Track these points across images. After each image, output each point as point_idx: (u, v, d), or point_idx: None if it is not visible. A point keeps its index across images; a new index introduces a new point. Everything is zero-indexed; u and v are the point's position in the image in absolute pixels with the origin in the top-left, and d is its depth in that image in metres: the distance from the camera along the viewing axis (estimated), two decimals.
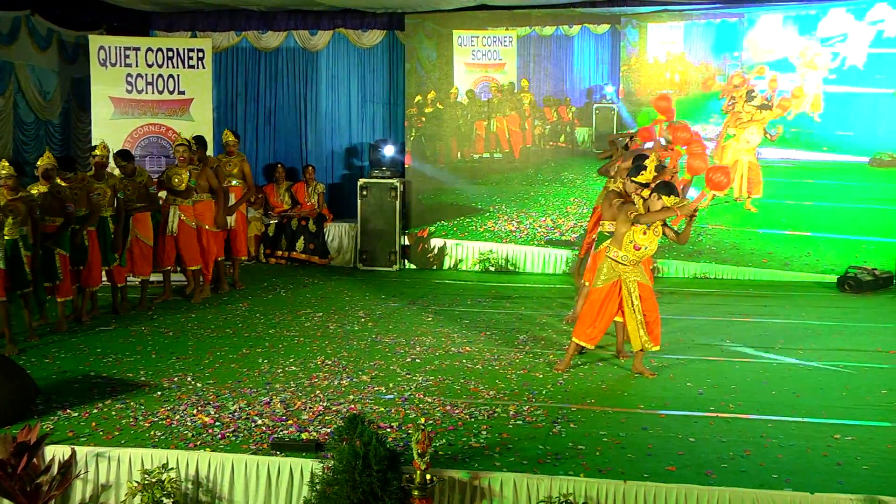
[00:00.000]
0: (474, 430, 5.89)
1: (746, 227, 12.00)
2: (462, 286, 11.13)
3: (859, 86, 11.59)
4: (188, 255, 9.94)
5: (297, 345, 8.13)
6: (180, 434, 5.80)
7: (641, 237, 7.03)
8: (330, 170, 13.39)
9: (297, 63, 13.30)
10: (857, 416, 6.23)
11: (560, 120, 12.51)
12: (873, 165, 11.55)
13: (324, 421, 6.04)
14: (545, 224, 12.55)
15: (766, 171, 11.93)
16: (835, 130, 11.73)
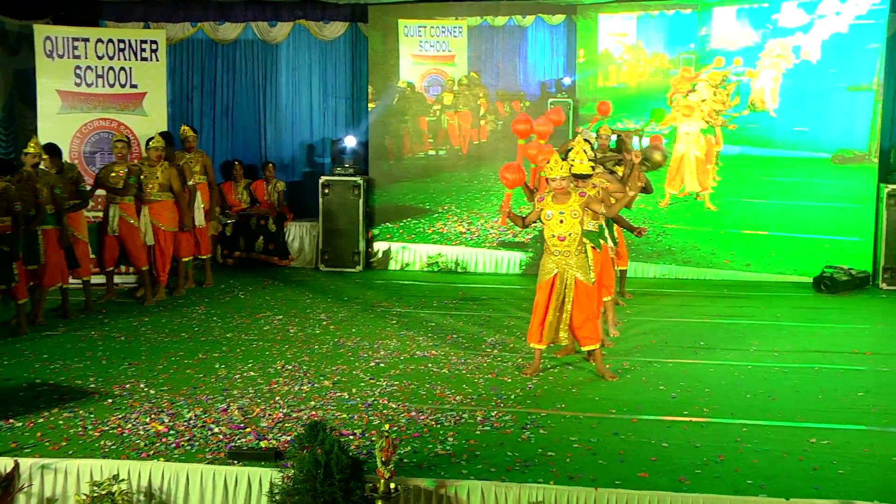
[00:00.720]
0: (440, 437, 5.88)
1: (706, 226, 11.96)
2: (428, 288, 11.12)
3: (813, 81, 11.66)
4: (134, 255, 9.92)
5: (255, 349, 8.08)
6: (132, 443, 5.74)
7: (559, 227, 7.16)
8: (290, 167, 13.32)
9: (255, 56, 13.22)
10: (833, 420, 6.29)
11: (513, 115, 12.38)
12: (836, 162, 11.63)
13: (283, 428, 6.00)
14: (497, 225, 12.46)
15: (725, 168, 11.93)
16: (792, 126, 11.76)
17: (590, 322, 7.28)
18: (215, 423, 6.09)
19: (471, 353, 8.05)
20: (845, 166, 11.62)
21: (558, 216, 7.13)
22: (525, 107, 12.38)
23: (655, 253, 11.93)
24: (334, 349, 8.13)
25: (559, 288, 7.22)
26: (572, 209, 7.11)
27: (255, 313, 9.53)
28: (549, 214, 7.18)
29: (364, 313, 9.66)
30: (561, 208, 7.13)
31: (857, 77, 11.59)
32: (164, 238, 10.17)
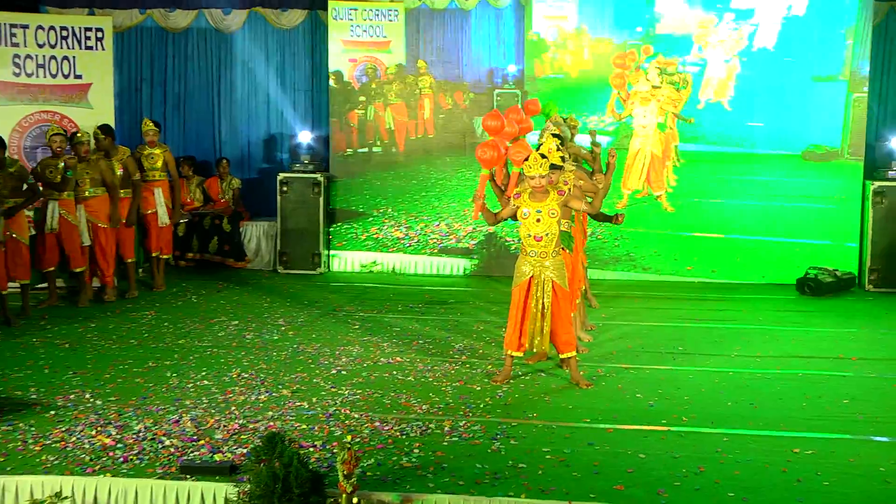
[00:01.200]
0: (406, 449, 5.87)
1: (667, 229, 11.85)
2: (393, 290, 11.10)
3: (773, 70, 11.58)
4: (72, 256, 9.87)
5: (209, 356, 8.04)
6: (77, 458, 5.68)
7: (536, 226, 7.16)
8: (246, 163, 13.26)
9: (208, 45, 13.14)
10: (817, 429, 6.35)
11: (456, 107, 12.30)
12: (807, 159, 11.65)
13: (239, 440, 5.98)
14: (439, 230, 12.31)
15: (686, 166, 11.82)
16: (746, 121, 11.69)
17: (567, 328, 7.30)
18: (166, 436, 6.04)
19: (438, 359, 8.05)
20: (818, 164, 11.63)
21: (535, 215, 7.14)
22: (469, 99, 12.20)
23: (613, 259, 11.79)
24: (293, 356, 8.10)
25: (536, 292, 7.24)
26: (550, 208, 7.12)
27: (210, 318, 9.48)
28: (526, 213, 7.18)
29: (325, 318, 9.63)
30: (538, 206, 7.14)
31: (823, 66, 11.54)
32: (104, 236, 10.11)
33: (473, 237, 12.24)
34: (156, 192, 10.78)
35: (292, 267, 12.21)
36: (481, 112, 12.13)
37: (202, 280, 11.56)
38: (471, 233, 12.27)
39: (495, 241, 12.24)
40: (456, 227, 12.34)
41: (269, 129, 13.22)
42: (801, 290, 11.03)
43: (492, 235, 12.21)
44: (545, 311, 7.23)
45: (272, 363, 7.87)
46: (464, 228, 12.33)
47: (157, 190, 10.81)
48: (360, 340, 8.70)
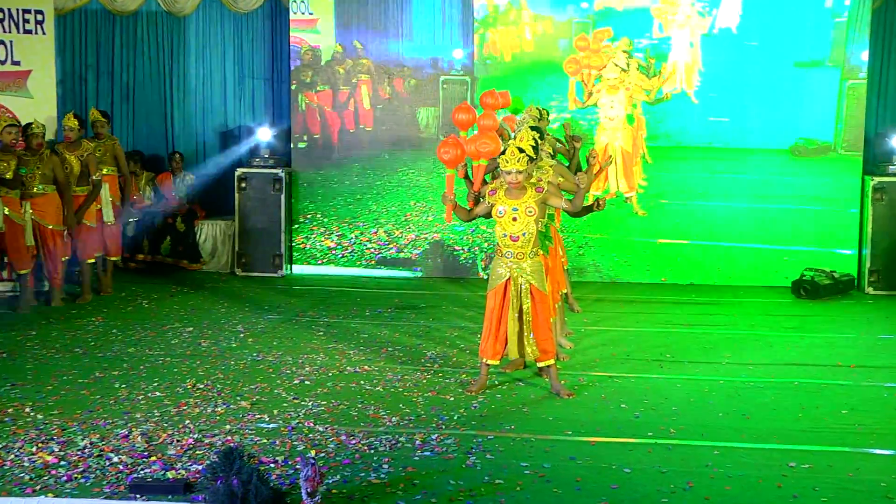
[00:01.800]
0: (374, 464, 5.87)
1: (638, 236, 11.72)
2: (360, 294, 11.09)
3: (738, 55, 11.43)
4: (14, 257, 9.82)
5: (162, 366, 8.01)
6: (15, 477, 5.64)
7: (512, 225, 7.16)
8: (201, 157, 13.19)
9: (160, 30, 13.07)
10: (814, 441, 6.38)
11: (396, 97, 12.20)
12: (797, 154, 11.57)
13: (194, 456, 5.95)
14: (377, 238, 12.20)
15: (657, 165, 11.68)
16: (714, 113, 11.52)
17: (546, 334, 7.32)
18: (114, 452, 6.01)
19: (409, 368, 8.05)
20: (809, 159, 11.57)
21: (511, 213, 7.14)
22: (410, 86, 12.06)
23: (576, 270, 11.51)
24: (253, 365, 8.08)
25: (513, 297, 7.25)
26: (527, 206, 7.12)
27: (162, 325, 9.44)
28: (502, 211, 7.18)
29: (287, 324, 9.62)
30: (515, 204, 7.14)
31: (805, 50, 11.44)
32: (51, 238, 10.06)
33: (417, 245, 12.14)
34: (103, 189, 10.71)
35: (251, 269, 12.17)
36: (425, 102, 12.03)
37: (154, 283, 11.50)
38: (414, 241, 12.15)
39: (442, 251, 12.14)
40: (396, 234, 12.17)
41: (226, 121, 13.17)
42: (797, 292, 11.07)
43: (438, 244, 12.14)
44: (523, 317, 7.25)
45: (230, 373, 7.84)
46: (405, 236, 12.15)
47: (106, 186, 10.75)
48: (325, 348, 8.68)
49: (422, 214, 12.14)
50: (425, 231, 12.12)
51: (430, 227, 12.12)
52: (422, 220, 12.14)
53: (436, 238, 12.11)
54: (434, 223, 12.11)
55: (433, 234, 12.10)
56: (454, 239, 12.09)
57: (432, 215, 12.09)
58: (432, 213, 12.09)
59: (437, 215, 12.02)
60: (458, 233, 12.03)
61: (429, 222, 12.13)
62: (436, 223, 12.11)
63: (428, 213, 12.11)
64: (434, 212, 12.07)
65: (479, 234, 11.97)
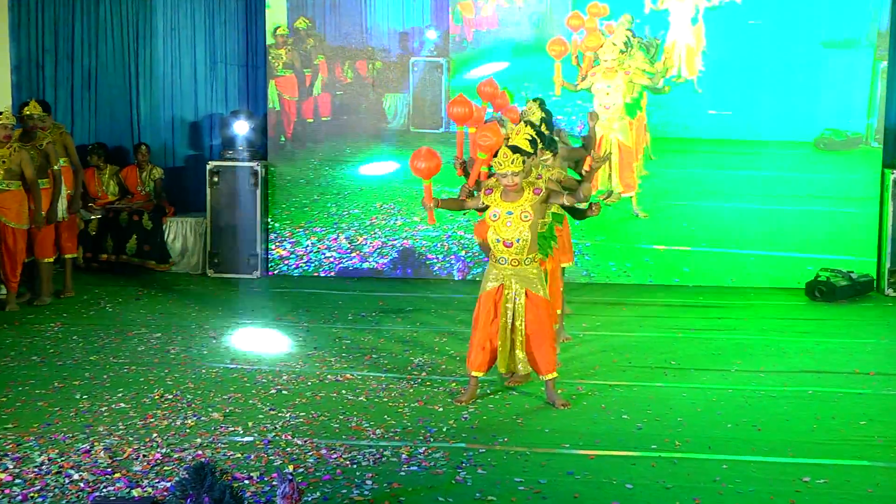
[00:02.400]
0: (357, 480, 5.87)
1: (637, 242, 11.62)
2: (342, 297, 11.08)
3: (744, 33, 11.24)
4: None
5: (127, 375, 7.99)
6: None
7: (505, 230, 7.13)
8: (170, 150, 13.20)
9: (124, 11, 13.04)
10: (830, 454, 6.40)
11: (359, 81, 12.13)
12: (821, 147, 11.46)
13: (162, 472, 5.94)
14: (337, 245, 12.11)
15: (658, 161, 11.54)
16: (715, 106, 11.39)
17: (546, 345, 7.29)
18: (75, 469, 5.98)
19: (394, 376, 8.05)
20: (836, 153, 11.50)
21: (505, 217, 7.12)
22: (376, 69, 11.90)
23: (567, 282, 11.26)
24: (225, 374, 8.07)
25: (505, 304, 7.24)
26: (522, 210, 7.10)
27: (127, 330, 9.43)
28: (495, 214, 7.15)
29: (263, 329, 9.61)
30: (510, 207, 7.11)
31: (836, 28, 11.26)
32: (11, 236, 10.04)
33: (384, 254, 12.08)
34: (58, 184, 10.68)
35: (224, 270, 12.16)
36: (390, 87, 11.86)
37: (118, 285, 11.49)
38: (380, 248, 12.08)
39: (413, 259, 12.10)
40: (359, 241, 12.11)
41: (197, 111, 13.15)
42: (812, 294, 11.10)
43: (408, 252, 12.08)
44: (517, 328, 7.24)
45: (201, 382, 7.83)
46: (370, 243, 12.09)
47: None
48: (305, 355, 8.68)
49: (389, 218, 12.00)
50: (393, 237, 12.00)
51: (398, 232, 12.01)
52: (389, 224, 12.02)
53: (405, 245, 12.01)
54: (404, 227, 11.98)
55: (402, 241, 11.98)
56: (426, 246, 11.99)
57: (402, 219, 11.95)
58: (402, 217, 11.95)
59: (408, 218, 11.93)
60: (431, 239, 11.91)
61: (397, 227, 11.99)
62: (406, 227, 11.99)
63: (396, 217, 11.95)
64: (404, 214, 11.96)
65: (456, 239, 11.90)
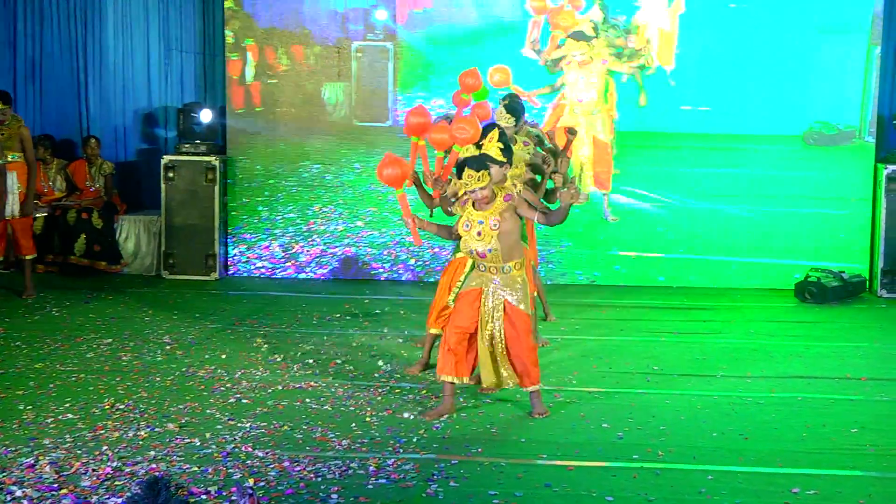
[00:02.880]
0: (322, 494, 5.85)
1: (608, 248, 11.58)
2: (306, 300, 11.08)
3: (723, 18, 11.15)
4: None
5: (75, 384, 7.96)
6: None
7: (477, 241, 7.10)
8: (121, 143, 13.17)
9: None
10: (821, 464, 6.43)
11: (295, 68, 12.01)
12: (810, 142, 11.49)
13: (113, 488, 5.90)
14: (269, 254, 12.12)
15: (629, 158, 11.44)
16: (687, 100, 11.27)
17: (527, 358, 7.26)
18: (17, 485, 5.93)
19: (361, 384, 8.05)
20: (826, 149, 11.50)
21: (476, 226, 7.09)
22: (313, 54, 11.78)
23: (549, 270, 11.50)
24: (181, 382, 8.05)
25: (484, 315, 7.22)
26: (493, 218, 7.05)
27: (75, 336, 9.39)
28: (468, 224, 7.13)
29: (221, 334, 9.60)
30: (480, 216, 7.09)
31: (825, 11, 11.19)
32: None
33: (322, 263, 12.08)
34: (9, 177, 10.66)
35: (180, 271, 12.14)
36: (330, 76, 11.70)
37: (66, 288, 11.45)
38: (318, 257, 12.08)
39: (356, 269, 12.10)
40: (295, 249, 12.10)
41: (150, 102, 13.13)
42: (801, 296, 11.17)
43: (351, 261, 12.05)
44: (496, 341, 7.23)
45: (155, 391, 7.80)
46: (307, 251, 12.09)
47: (11, 174, 10.71)
48: (265, 362, 8.67)
49: (329, 222, 11.97)
50: (333, 244, 11.98)
51: (339, 238, 11.98)
52: (329, 229, 11.99)
53: (347, 253, 11.98)
54: (345, 233, 11.94)
55: (344, 249, 11.94)
56: (371, 253, 11.95)
57: (343, 223, 11.91)
58: (343, 221, 11.90)
59: (350, 223, 11.89)
60: (376, 245, 11.87)
61: (339, 233, 11.95)
62: (348, 233, 11.95)
63: (337, 221, 11.90)
64: (346, 219, 11.91)
65: (406, 246, 11.85)
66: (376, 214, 11.86)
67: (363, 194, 11.87)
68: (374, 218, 11.87)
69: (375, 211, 11.87)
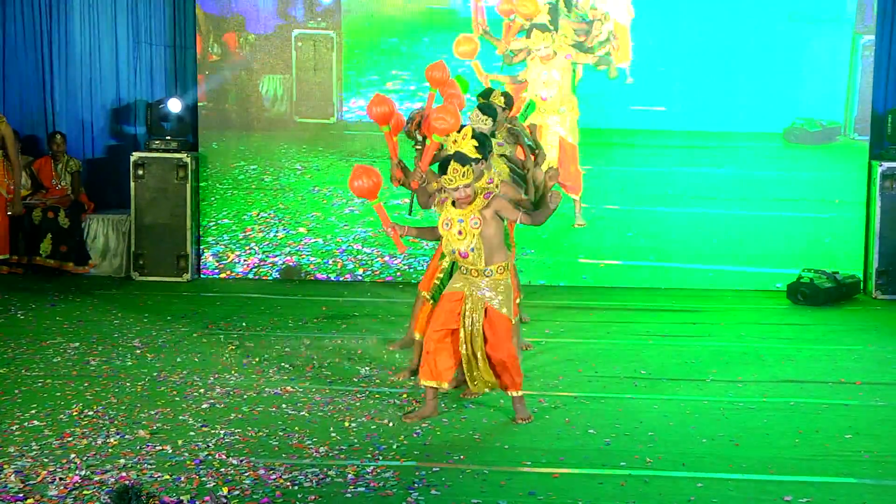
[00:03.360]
0: (298, 502, 5.85)
1: (574, 255, 11.49)
2: (281, 303, 11.07)
3: (690, 12, 11.01)
4: None
5: (41, 389, 7.94)
6: None
7: (458, 240, 7.11)
8: (88, 139, 13.14)
9: None
10: (814, 471, 6.46)
11: (227, 58, 11.98)
12: (791, 140, 11.45)
13: (81, 497, 5.89)
14: (201, 264, 12.14)
15: (595, 158, 11.28)
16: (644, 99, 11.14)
17: (508, 363, 7.27)
18: None
19: (339, 388, 8.05)
20: (810, 147, 11.44)
21: (457, 225, 7.09)
22: (248, 43, 11.60)
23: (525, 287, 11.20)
24: (152, 387, 8.04)
25: (464, 318, 7.22)
26: (472, 217, 7.05)
27: (41, 340, 9.38)
28: (448, 223, 7.14)
29: (193, 338, 9.59)
30: (461, 215, 7.09)
31: (811, 0, 11.09)
32: None
33: (262, 273, 12.06)
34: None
35: (151, 272, 12.13)
36: (270, 67, 11.53)
37: (31, 290, 11.43)
38: (256, 267, 12.05)
39: (298, 277, 12.11)
40: (230, 258, 12.09)
41: (118, 96, 13.10)
42: (794, 297, 11.19)
43: (292, 271, 12.03)
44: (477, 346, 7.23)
45: (125, 396, 7.79)
46: (244, 261, 12.08)
47: None
48: (240, 365, 8.67)
49: (269, 229, 11.92)
50: (273, 253, 11.96)
51: (280, 247, 11.95)
52: (268, 237, 11.97)
53: (289, 263, 11.95)
54: (286, 241, 11.88)
55: (285, 258, 11.90)
56: (316, 264, 11.86)
57: (283, 230, 11.84)
58: (284, 228, 11.82)
59: (291, 230, 11.82)
60: (321, 254, 11.82)
61: (279, 241, 11.91)
62: (289, 241, 11.89)
63: (277, 228, 11.82)
64: (287, 225, 11.83)
65: (352, 255, 11.79)
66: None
67: (306, 197, 11.74)
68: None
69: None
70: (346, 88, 11.49)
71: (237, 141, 11.97)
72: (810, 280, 11.11)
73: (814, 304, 11.01)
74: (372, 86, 11.15)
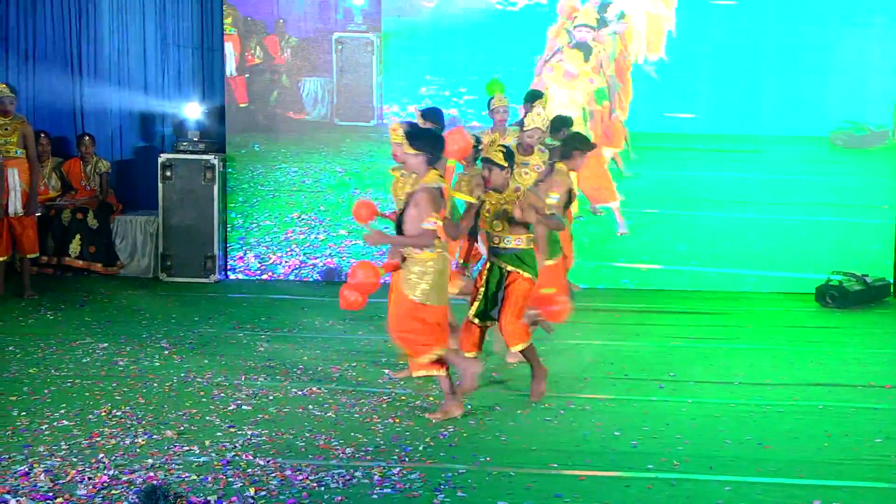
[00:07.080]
0: (325, 503, 5.88)
1: (613, 259, 11.41)
2: (308, 304, 11.08)
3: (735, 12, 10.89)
4: None
5: (70, 389, 7.97)
6: None
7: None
8: (117, 141, 13.20)
9: None
10: (843, 475, 6.43)
11: (268, 62, 11.98)
12: (838, 143, 11.29)
13: (109, 497, 5.91)
14: (244, 265, 12.16)
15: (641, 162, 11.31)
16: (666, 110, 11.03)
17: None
18: (12, 493, 5.94)
19: (365, 390, 8.06)
20: (856, 151, 11.30)
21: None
22: (290, 47, 11.64)
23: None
24: (180, 388, 8.07)
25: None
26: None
27: (71, 340, 9.40)
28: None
29: (220, 339, 9.62)
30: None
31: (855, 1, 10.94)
32: None
33: (303, 275, 12.10)
34: (10, 174, 10.75)
35: (178, 273, 12.16)
36: (309, 70, 11.48)
37: (61, 291, 11.47)
38: (297, 268, 12.08)
39: (339, 279, 11.97)
40: (272, 260, 12.13)
41: (147, 98, 13.12)
42: (823, 300, 11.13)
43: (332, 273, 12.02)
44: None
45: (152, 397, 7.82)
46: (286, 262, 12.12)
47: (14, 172, 10.81)
48: (267, 366, 8.69)
49: (310, 231, 11.96)
50: (314, 254, 12.00)
51: (321, 248, 11.98)
52: (309, 239, 12.01)
53: (329, 265, 11.98)
54: (327, 243, 11.95)
55: (325, 260, 11.94)
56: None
57: (324, 232, 11.86)
58: (324, 230, 11.85)
59: (332, 232, 11.89)
60: (361, 256, 11.67)
61: (319, 242, 11.95)
62: (329, 242, 11.95)
63: (318, 230, 11.85)
64: (327, 227, 11.89)
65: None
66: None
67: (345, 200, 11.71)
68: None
69: None
70: (385, 91, 11.48)
71: (278, 143, 11.99)
72: (839, 283, 11.05)
73: (843, 306, 10.94)
74: (408, 90, 11.32)
